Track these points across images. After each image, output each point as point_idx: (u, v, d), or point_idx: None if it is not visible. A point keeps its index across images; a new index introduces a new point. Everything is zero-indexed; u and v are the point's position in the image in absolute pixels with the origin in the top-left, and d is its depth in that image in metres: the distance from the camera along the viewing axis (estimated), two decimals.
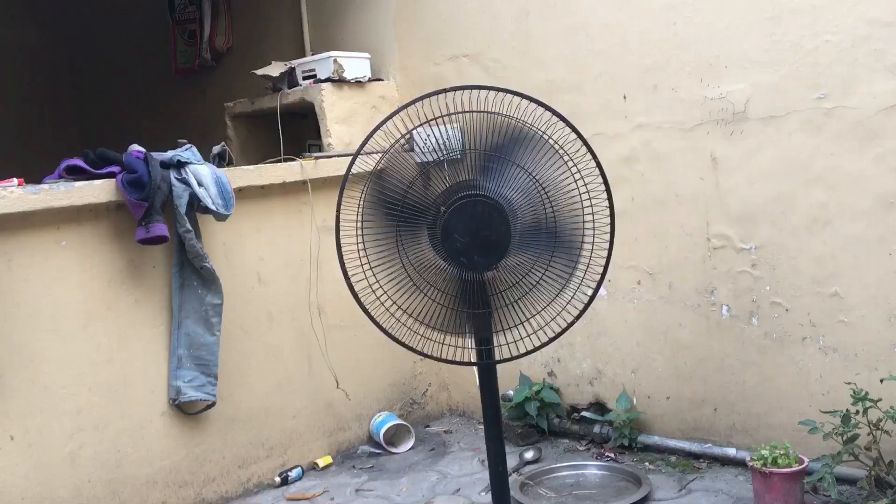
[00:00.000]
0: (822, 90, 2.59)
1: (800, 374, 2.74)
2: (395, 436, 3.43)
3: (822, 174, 2.62)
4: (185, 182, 2.77)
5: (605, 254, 2.20)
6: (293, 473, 3.15)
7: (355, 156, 2.16)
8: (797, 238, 2.70)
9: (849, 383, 2.51)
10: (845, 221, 2.60)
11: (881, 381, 2.46)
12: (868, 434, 2.42)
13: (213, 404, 2.93)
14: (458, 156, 2.20)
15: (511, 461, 3.01)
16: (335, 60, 3.57)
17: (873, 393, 2.44)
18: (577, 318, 2.23)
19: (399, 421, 3.45)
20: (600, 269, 2.20)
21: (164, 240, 2.70)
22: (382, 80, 3.78)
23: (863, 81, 2.51)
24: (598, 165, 2.18)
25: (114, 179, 2.69)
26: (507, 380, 3.42)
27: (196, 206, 2.80)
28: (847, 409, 2.43)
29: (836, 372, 2.65)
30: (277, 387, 3.20)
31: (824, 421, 2.48)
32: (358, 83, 3.65)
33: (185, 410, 2.91)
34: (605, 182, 2.19)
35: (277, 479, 3.12)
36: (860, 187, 2.55)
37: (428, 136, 2.16)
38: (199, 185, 2.78)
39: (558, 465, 3.02)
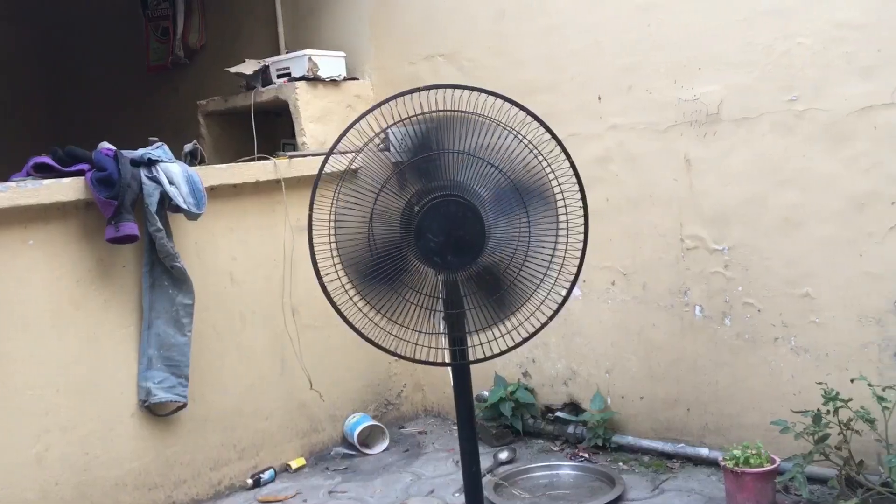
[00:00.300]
0: (795, 92, 2.61)
1: (772, 374, 2.75)
2: (369, 437, 3.41)
3: (794, 176, 2.64)
4: (156, 180, 2.74)
5: (578, 254, 2.20)
6: (265, 475, 3.13)
7: (328, 155, 2.14)
8: (769, 239, 2.72)
9: (820, 383, 2.53)
10: (817, 223, 2.62)
11: (851, 381, 2.48)
12: (839, 434, 2.44)
13: (184, 405, 2.90)
14: (435, 156, 2.19)
15: (485, 462, 3.01)
16: (310, 59, 3.55)
17: (844, 393, 2.46)
18: (551, 318, 2.23)
19: (373, 422, 3.43)
20: (574, 270, 2.20)
21: (134, 239, 2.67)
22: (358, 79, 3.76)
23: (834, 84, 2.53)
24: (572, 165, 2.18)
25: (83, 177, 2.65)
26: (482, 380, 3.41)
27: (167, 204, 2.77)
28: (818, 409, 2.45)
29: (808, 372, 2.67)
30: (250, 388, 3.17)
31: (796, 421, 2.50)
32: (333, 82, 3.63)
33: (156, 412, 2.87)
34: (579, 182, 2.19)
35: (249, 482, 3.09)
36: (832, 189, 2.58)
37: (404, 136, 2.14)
38: (171, 183, 2.75)
39: (532, 465, 3.02)
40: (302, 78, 3.55)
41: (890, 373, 2.49)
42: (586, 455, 3.09)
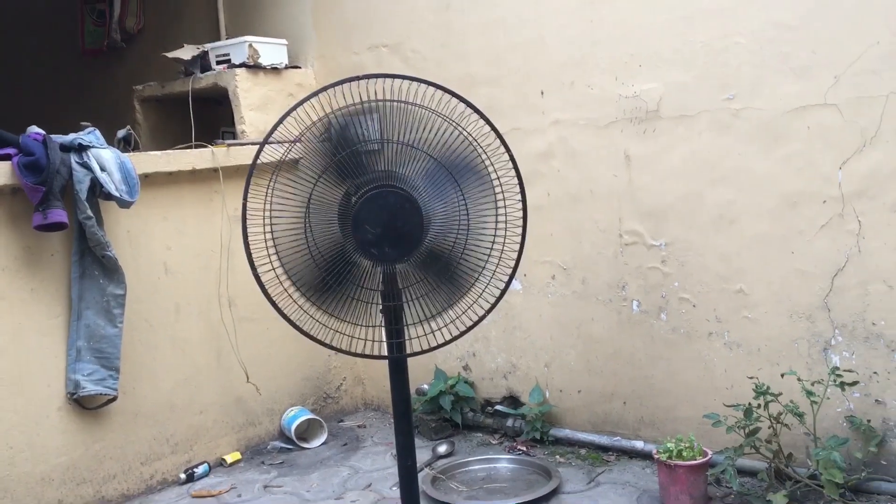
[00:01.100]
0: (732, 91, 2.65)
1: (706, 368, 2.80)
2: (307, 431, 3.37)
3: (730, 173, 2.68)
4: (87, 166, 2.66)
5: (517, 248, 2.19)
6: (199, 470, 3.07)
7: (262, 143, 2.09)
8: (705, 235, 2.76)
9: (751, 378, 2.58)
10: (751, 220, 2.66)
11: (782, 375, 2.54)
12: (769, 427, 2.49)
13: (115, 398, 2.82)
14: (376, 147, 2.16)
15: (424, 455, 3.00)
16: (250, 45, 3.48)
17: (774, 387, 2.51)
18: (488, 311, 2.22)
19: (311, 415, 3.39)
20: (512, 263, 2.20)
21: (63, 226, 2.58)
22: (300, 67, 3.70)
23: (770, 83, 2.57)
24: (512, 159, 2.17)
25: (9, 162, 2.56)
26: (423, 374, 3.40)
27: (98, 191, 2.69)
28: (749, 403, 2.50)
29: (740, 366, 2.72)
30: (184, 381, 3.10)
31: (728, 414, 2.54)
32: (274, 70, 3.57)
33: (85, 405, 2.79)
34: (518, 176, 2.18)
35: (183, 476, 3.03)
36: (766, 187, 2.62)
37: (345, 125, 2.11)
38: (102, 169, 2.67)
39: (471, 458, 3.02)
40: (242, 65, 3.48)
41: (819, 368, 2.56)
42: (524, 448, 3.10)
